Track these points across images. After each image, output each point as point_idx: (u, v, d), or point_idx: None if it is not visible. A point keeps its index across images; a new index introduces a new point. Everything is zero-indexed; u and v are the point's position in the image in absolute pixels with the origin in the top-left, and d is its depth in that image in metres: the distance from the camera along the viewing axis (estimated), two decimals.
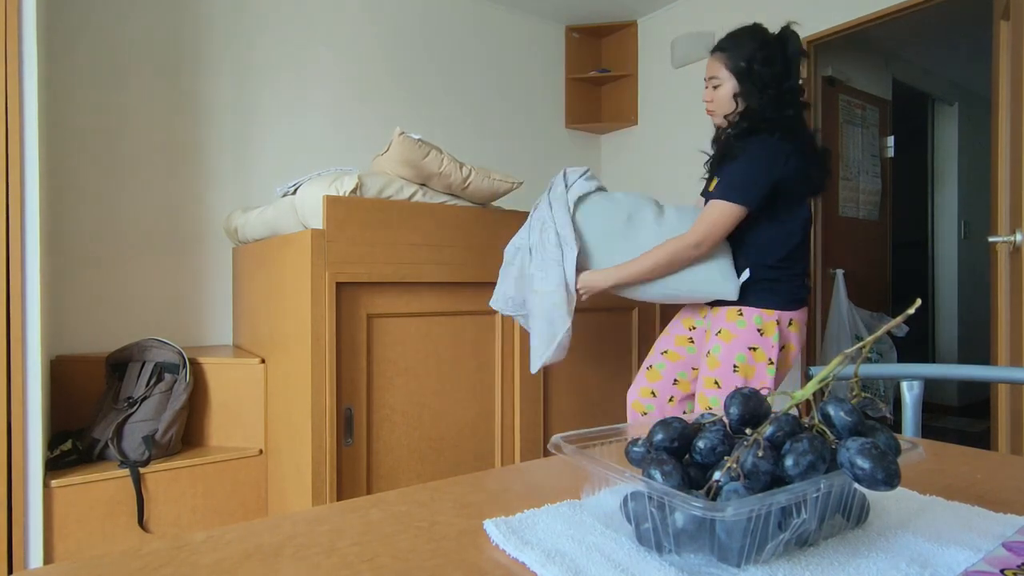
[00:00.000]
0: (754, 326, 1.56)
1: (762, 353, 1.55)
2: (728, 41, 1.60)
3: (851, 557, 0.45)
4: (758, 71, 1.54)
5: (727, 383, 1.56)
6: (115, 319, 2.28)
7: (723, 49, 1.59)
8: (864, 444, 0.43)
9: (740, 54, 1.56)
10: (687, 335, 1.73)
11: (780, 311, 1.56)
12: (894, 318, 0.70)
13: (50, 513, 1.65)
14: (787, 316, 1.57)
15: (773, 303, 1.56)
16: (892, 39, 3.55)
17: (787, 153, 1.51)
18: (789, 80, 1.56)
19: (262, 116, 2.62)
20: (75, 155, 2.23)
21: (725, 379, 1.56)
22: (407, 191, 1.78)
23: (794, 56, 1.55)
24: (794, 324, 1.58)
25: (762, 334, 1.55)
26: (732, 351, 1.56)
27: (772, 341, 1.55)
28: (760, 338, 1.56)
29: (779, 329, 1.56)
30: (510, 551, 0.47)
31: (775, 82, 1.54)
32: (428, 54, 3.11)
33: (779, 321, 1.56)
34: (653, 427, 0.50)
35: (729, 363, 1.56)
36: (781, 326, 1.56)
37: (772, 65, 1.53)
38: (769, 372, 1.55)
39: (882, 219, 3.63)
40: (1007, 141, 2.02)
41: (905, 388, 1.12)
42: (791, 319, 1.58)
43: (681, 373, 1.71)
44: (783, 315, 1.57)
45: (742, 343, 1.56)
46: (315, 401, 1.60)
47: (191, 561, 0.46)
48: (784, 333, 1.57)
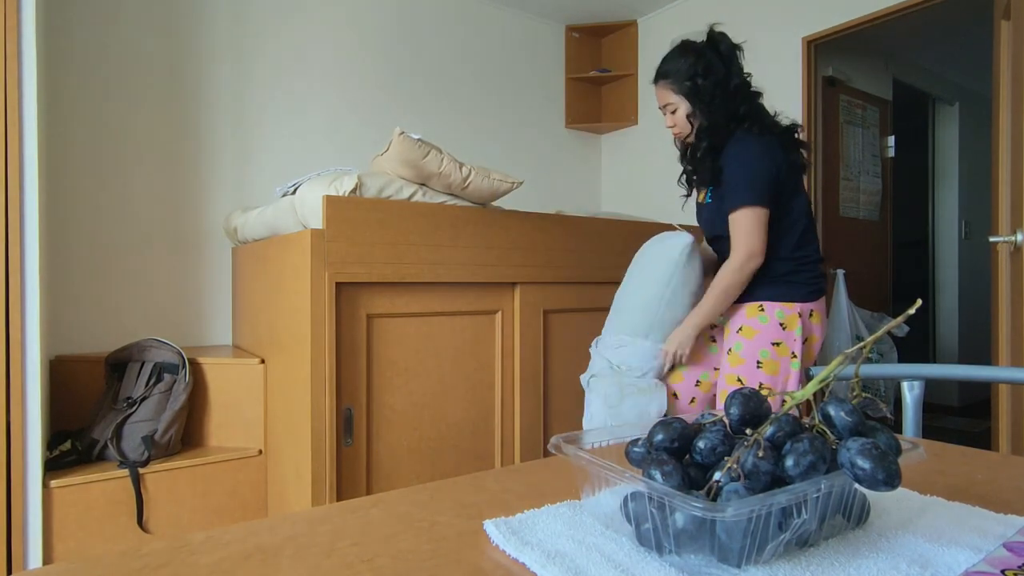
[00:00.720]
0: (776, 321, 1.56)
1: (786, 348, 1.55)
2: (665, 66, 1.64)
3: (852, 557, 0.45)
4: (702, 85, 1.58)
5: (751, 380, 1.55)
6: (115, 319, 2.28)
7: (664, 76, 1.64)
8: (865, 444, 0.43)
9: (681, 75, 1.61)
10: (709, 334, 1.73)
11: (801, 303, 1.56)
12: (894, 318, 0.70)
13: (49, 513, 1.65)
14: (808, 308, 1.57)
15: (793, 296, 1.57)
16: (892, 39, 3.55)
17: (767, 146, 1.54)
18: (733, 79, 1.59)
19: (262, 116, 2.62)
20: (75, 155, 2.23)
21: (749, 376, 1.56)
22: (407, 191, 1.78)
23: (729, 53, 1.59)
24: (815, 315, 1.58)
25: (785, 328, 1.55)
26: (755, 347, 1.56)
27: (795, 335, 1.55)
28: (783, 332, 1.56)
29: (802, 322, 1.56)
30: (510, 551, 0.47)
31: (722, 88, 1.58)
32: (428, 53, 3.11)
33: (801, 314, 1.56)
34: (653, 427, 0.50)
35: (753, 359, 1.55)
36: (803, 319, 1.56)
37: (713, 73, 1.58)
38: (794, 366, 1.55)
39: (882, 219, 3.63)
40: (1007, 141, 2.01)
41: (906, 388, 1.12)
42: (812, 310, 1.58)
43: (703, 374, 1.70)
44: (804, 307, 1.57)
45: (765, 339, 1.56)
46: (315, 401, 1.60)
47: (191, 561, 0.46)
48: (807, 325, 1.57)
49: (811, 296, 1.58)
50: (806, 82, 2.81)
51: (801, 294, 1.57)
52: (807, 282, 1.58)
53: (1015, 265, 1.91)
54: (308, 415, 1.60)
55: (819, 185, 2.97)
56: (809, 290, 1.57)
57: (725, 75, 1.58)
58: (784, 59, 2.87)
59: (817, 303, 1.59)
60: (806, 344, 1.57)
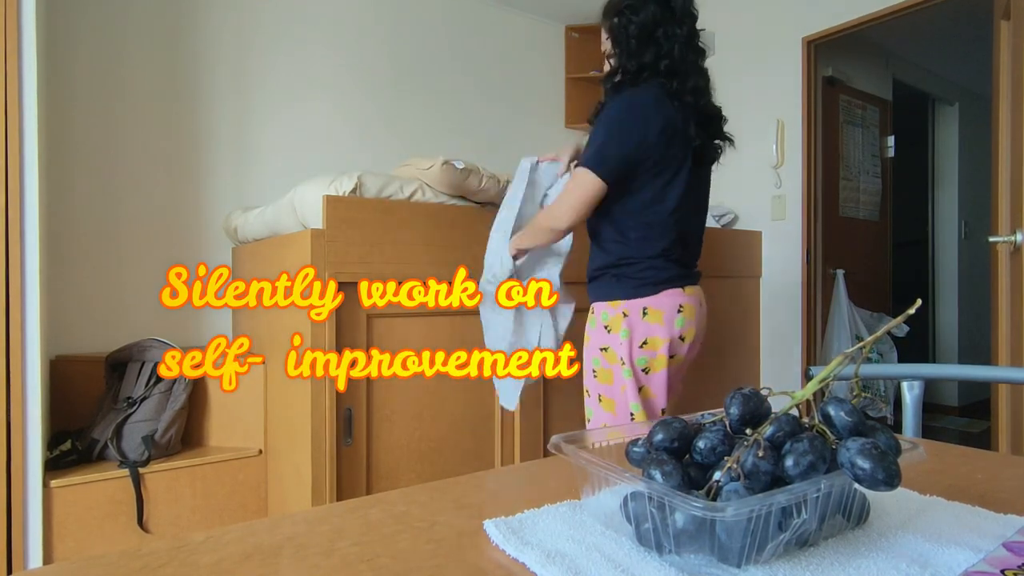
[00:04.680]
0: (601, 323, 1.39)
1: (613, 353, 1.36)
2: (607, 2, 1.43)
3: (851, 557, 0.45)
4: (626, 22, 1.36)
5: (593, 391, 1.43)
6: (115, 319, 2.28)
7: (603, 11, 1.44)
8: (864, 444, 0.43)
9: (611, 10, 1.40)
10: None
11: (627, 300, 1.35)
12: (894, 318, 0.70)
13: (50, 513, 1.65)
14: (638, 305, 1.34)
15: (617, 293, 1.37)
16: (892, 39, 3.55)
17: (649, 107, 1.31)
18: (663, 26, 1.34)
19: (262, 116, 2.62)
20: (74, 155, 2.23)
21: (590, 386, 1.43)
22: (407, 191, 1.78)
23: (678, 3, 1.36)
24: (652, 312, 1.34)
25: (609, 331, 1.37)
26: (589, 355, 1.42)
27: (620, 338, 1.34)
28: (608, 336, 1.37)
29: (628, 323, 1.34)
30: (510, 551, 0.47)
31: (643, 30, 1.33)
32: (428, 53, 3.10)
33: (627, 313, 1.35)
34: (653, 427, 0.50)
35: (589, 368, 1.43)
36: (631, 318, 1.34)
37: (640, 11, 1.34)
38: (625, 374, 1.34)
39: (882, 219, 3.63)
40: (1007, 141, 2.01)
41: (905, 388, 1.12)
42: (645, 307, 1.34)
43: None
44: (632, 304, 1.35)
45: (595, 345, 1.40)
46: (315, 401, 1.60)
47: (191, 561, 0.46)
48: (639, 325, 1.34)
49: (642, 291, 1.34)
50: (806, 82, 2.81)
51: (626, 290, 1.35)
52: (636, 275, 1.35)
53: (1015, 265, 1.91)
54: (308, 415, 1.60)
55: (819, 185, 2.97)
56: (637, 283, 1.35)
57: (656, 17, 1.34)
58: (784, 59, 2.87)
59: (652, 298, 1.34)
60: (646, 346, 1.34)
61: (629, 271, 1.36)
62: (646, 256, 1.36)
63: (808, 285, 2.86)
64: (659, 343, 1.35)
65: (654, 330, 1.35)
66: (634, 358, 1.35)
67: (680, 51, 1.35)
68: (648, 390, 1.37)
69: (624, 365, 1.35)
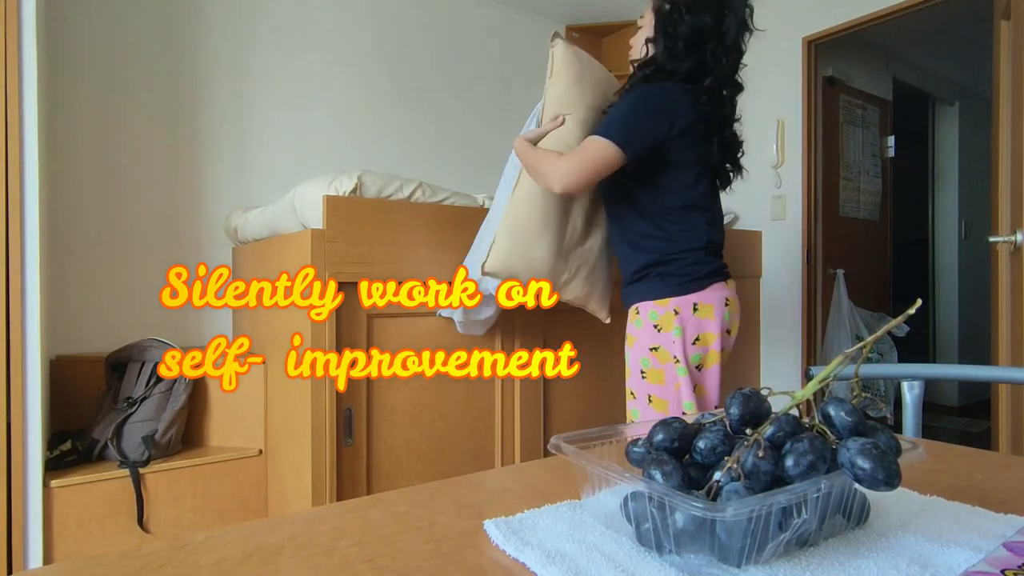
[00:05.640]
0: (650, 323, 1.36)
1: (665, 352, 1.34)
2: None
3: (851, 557, 0.45)
4: (678, 18, 1.30)
5: (640, 392, 1.40)
6: (115, 319, 2.28)
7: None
8: (865, 444, 0.43)
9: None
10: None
11: (676, 297, 1.33)
12: (894, 318, 0.70)
13: (50, 513, 1.65)
14: (688, 301, 1.33)
15: (663, 291, 1.34)
16: (892, 39, 3.55)
17: (678, 103, 1.28)
18: (715, 43, 1.31)
19: (262, 116, 2.62)
20: (75, 155, 2.23)
21: (637, 388, 1.40)
22: (407, 190, 1.78)
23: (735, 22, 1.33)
24: (703, 307, 1.33)
25: (660, 330, 1.34)
26: (636, 356, 1.39)
27: (673, 336, 1.32)
28: (659, 335, 1.34)
29: (680, 320, 1.32)
30: (510, 551, 0.47)
31: (696, 35, 1.29)
32: (428, 53, 3.11)
33: (677, 310, 1.33)
34: (653, 427, 0.50)
35: (637, 370, 1.39)
36: (682, 315, 1.33)
37: (698, 14, 1.29)
38: (680, 372, 1.32)
39: (882, 219, 3.63)
40: (1007, 141, 2.02)
41: (906, 388, 1.12)
42: (695, 303, 1.33)
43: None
44: (681, 301, 1.33)
45: (643, 345, 1.37)
46: (315, 401, 1.60)
47: (191, 561, 0.46)
48: (691, 321, 1.33)
49: (689, 287, 1.33)
50: (806, 82, 2.81)
51: (672, 287, 1.33)
52: (680, 272, 1.33)
53: (1015, 265, 1.91)
54: (308, 415, 1.60)
55: (819, 185, 2.97)
56: (683, 280, 1.33)
57: (710, 30, 1.29)
58: (784, 59, 2.87)
59: (701, 293, 1.33)
60: (699, 342, 1.33)
61: (673, 268, 1.34)
62: (690, 249, 1.34)
63: (808, 285, 2.86)
64: (711, 338, 1.34)
65: (706, 325, 1.34)
66: (688, 355, 1.33)
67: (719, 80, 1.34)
68: (702, 388, 1.37)
69: (679, 363, 1.32)
